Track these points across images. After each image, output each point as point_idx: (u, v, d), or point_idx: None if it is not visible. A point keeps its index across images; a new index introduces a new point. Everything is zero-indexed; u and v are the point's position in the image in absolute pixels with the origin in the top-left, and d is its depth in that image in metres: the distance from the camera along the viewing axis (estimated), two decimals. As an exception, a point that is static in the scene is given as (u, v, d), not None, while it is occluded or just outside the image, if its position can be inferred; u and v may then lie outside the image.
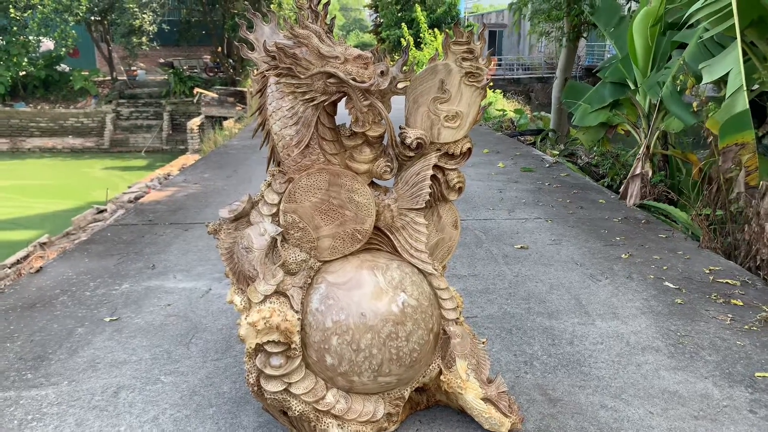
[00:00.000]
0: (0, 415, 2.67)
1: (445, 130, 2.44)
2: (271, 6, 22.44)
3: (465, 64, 2.38)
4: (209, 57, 27.81)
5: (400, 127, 2.44)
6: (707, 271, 4.45)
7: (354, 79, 2.20)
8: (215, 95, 20.55)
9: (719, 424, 2.64)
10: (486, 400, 2.50)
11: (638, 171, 6.60)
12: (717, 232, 5.22)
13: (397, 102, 2.33)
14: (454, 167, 2.53)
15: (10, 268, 5.60)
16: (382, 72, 2.21)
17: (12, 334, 3.45)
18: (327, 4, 2.37)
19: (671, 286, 4.18)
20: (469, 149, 2.51)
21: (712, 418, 2.67)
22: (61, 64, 24.93)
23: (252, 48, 2.45)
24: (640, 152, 6.75)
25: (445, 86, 2.39)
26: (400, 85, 2.31)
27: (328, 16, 2.35)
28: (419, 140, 2.40)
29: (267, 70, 2.30)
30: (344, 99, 2.30)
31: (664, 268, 4.52)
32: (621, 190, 6.88)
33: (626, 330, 3.51)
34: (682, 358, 3.19)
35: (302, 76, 2.21)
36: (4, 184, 17.65)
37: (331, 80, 2.22)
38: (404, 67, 2.30)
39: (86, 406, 2.74)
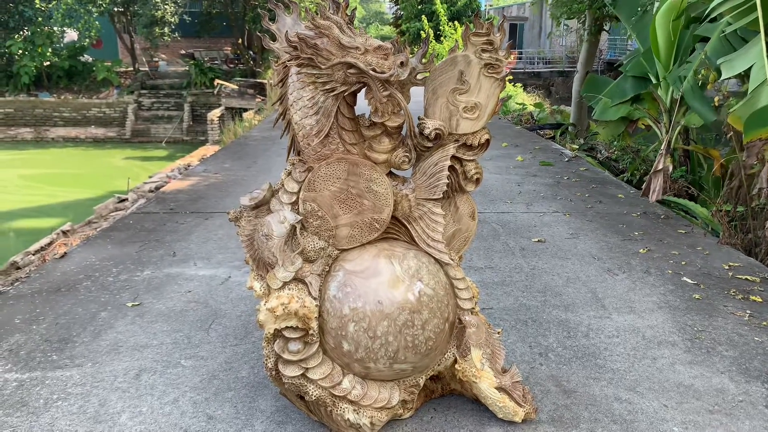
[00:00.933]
0: (27, 394, 2.76)
1: (463, 121, 2.46)
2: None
3: (484, 56, 2.39)
4: (230, 48, 27.97)
5: (419, 118, 2.46)
6: (726, 267, 4.42)
7: (374, 70, 2.23)
8: (235, 87, 20.69)
9: (734, 418, 2.64)
10: (500, 389, 2.53)
11: (660, 166, 6.52)
12: (738, 228, 5.17)
13: (417, 93, 2.35)
14: (472, 158, 2.54)
15: (34, 254, 5.72)
16: (401, 63, 2.24)
17: (38, 316, 3.55)
18: (348, -6, 2.40)
19: (689, 281, 4.16)
20: (488, 140, 2.53)
21: (727, 413, 2.67)
22: (85, 55, 25.26)
23: (274, 38, 2.48)
24: (662, 147, 6.68)
25: (465, 77, 2.41)
26: (419, 76, 2.33)
27: (348, 7, 2.38)
28: (438, 131, 2.42)
29: (288, 60, 2.34)
30: (364, 89, 2.33)
31: (683, 263, 4.50)
32: (644, 185, 6.81)
33: (642, 324, 3.51)
34: (699, 353, 3.19)
35: (323, 67, 2.24)
36: (28, 173, 17.98)
37: (352, 71, 2.24)
38: (424, 59, 2.33)
39: (109, 388, 2.82)
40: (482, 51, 2.39)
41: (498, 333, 2.69)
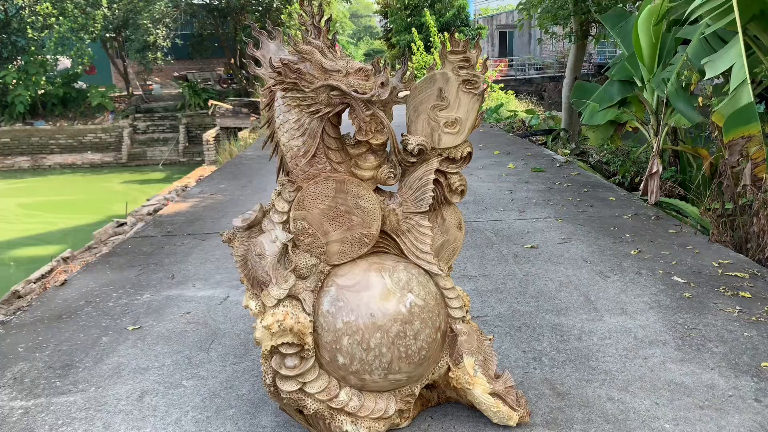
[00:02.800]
0: (32, 420, 2.82)
1: (445, 135, 2.54)
2: (282, 17, 22.73)
3: (462, 72, 2.48)
4: (222, 69, 28.21)
5: (402, 135, 2.55)
6: (716, 265, 4.49)
7: (356, 91, 2.31)
8: (229, 106, 20.85)
9: (724, 412, 2.70)
10: (494, 394, 2.59)
11: (654, 169, 6.54)
12: (726, 226, 5.25)
13: (399, 110, 2.44)
14: (455, 171, 2.62)
15: (35, 282, 5.79)
16: (382, 83, 2.32)
17: (41, 344, 3.61)
18: (329, 20, 2.49)
19: (680, 280, 4.23)
20: (470, 153, 2.61)
21: (718, 407, 2.74)
22: (79, 82, 25.48)
23: (259, 64, 2.57)
24: (654, 150, 6.74)
25: (444, 94, 2.49)
26: (400, 95, 2.42)
27: (330, 31, 2.47)
28: (421, 146, 2.51)
29: (273, 85, 2.43)
30: (348, 110, 2.41)
31: (673, 262, 4.57)
32: (641, 188, 6.81)
33: (634, 325, 3.58)
34: (689, 351, 3.25)
35: (307, 90, 2.33)
36: (27, 201, 18.07)
37: (335, 92, 2.33)
38: (404, 78, 2.41)
39: (112, 411, 2.87)
40: (459, 68, 2.48)
41: (490, 340, 2.75)
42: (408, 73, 2.40)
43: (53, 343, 3.62)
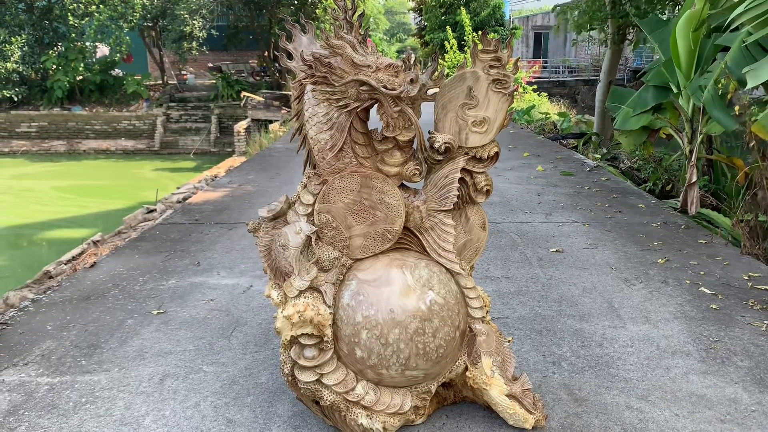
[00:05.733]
0: (57, 397, 2.89)
1: (472, 135, 2.54)
2: (317, 11, 22.84)
3: (492, 72, 2.47)
4: (256, 61, 28.45)
5: (429, 132, 2.55)
6: (746, 278, 4.40)
7: (385, 87, 2.32)
8: (261, 99, 21.01)
9: (746, 428, 2.65)
10: (510, 396, 2.58)
11: (694, 179, 6.33)
12: (759, 238, 5.13)
13: (427, 108, 2.44)
14: (481, 170, 2.61)
15: (66, 264, 5.93)
16: (411, 80, 2.32)
17: (68, 324, 3.70)
18: (361, 15, 2.50)
19: (707, 291, 4.15)
20: (497, 153, 2.60)
21: (740, 422, 2.68)
22: (116, 69, 25.94)
23: (291, 57, 2.60)
24: (693, 158, 6.56)
25: (473, 93, 2.49)
26: (429, 92, 2.42)
27: (362, 26, 2.48)
28: (447, 144, 2.50)
29: (304, 78, 2.45)
30: (376, 105, 2.42)
31: (701, 273, 4.49)
32: (680, 198, 6.58)
33: (657, 334, 3.52)
34: (713, 363, 3.20)
35: (336, 84, 2.34)
36: (61, 184, 18.48)
37: (364, 88, 2.34)
38: (433, 75, 2.41)
39: (134, 392, 2.94)
40: (490, 67, 2.47)
41: (509, 341, 2.74)
42: (438, 71, 2.40)
43: (80, 323, 3.71)
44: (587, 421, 2.68)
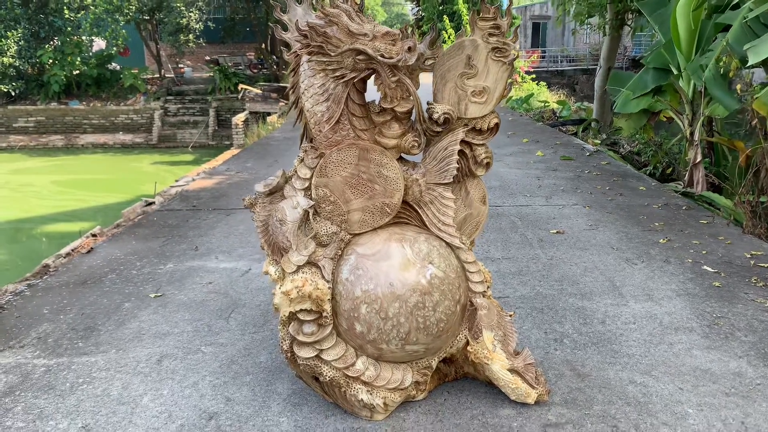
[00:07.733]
0: (54, 378, 2.86)
1: (472, 105, 2.49)
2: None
3: (492, 40, 2.42)
4: (253, 54, 28.32)
5: (428, 103, 2.50)
6: (748, 256, 4.36)
7: (382, 56, 2.27)
8: (259, 91, 20.90)
9: (751, 401, 2.61)
10: (512, 371, 2.55)
11: (699, 159, 6.36)
12: (761, 218, 5.09)
13: (425, 78, 2.39)
14: (481, 142, 2.57)
15: (65, 257, 5.88)
16: (409, 48, 2.28)
17: (65, 307, 3.67)
18: (357, -17, 2.45)
19: (710, 269, 4.11)
20: (497, 124, 2.55)
21: (744, 395, 2.65)
22: (112, 63, 25.80)
23: (285, 29, 2.55)
24: (695, 139, 6.54)
25: (472, 62, 2.44)
26: (427, 62, 2.37)
27: (358, -5, 2.43)
28: (446, 115, 2.46)
29: (300, 49, 2.40)
30: (373, 76, 2.38)
31: (704, 252, 4.45)
32: (685, 179, 6.62)
33: (660, 311, 3.49)
34: (717, 338, 3.16)
35: (333, 54, 2.29)
36: (60, 179, 18.42)
37: (361, 57, 2.29)
38: (431, 44, 2.36)
39: (132, 372, 2.90)
40: (489, 35, 2.42)
41: (510, 316, 2.71)
42: (437, 39, 2.35)
43: (77, 306, 3.67)
44: (590, 396, 2.65)
